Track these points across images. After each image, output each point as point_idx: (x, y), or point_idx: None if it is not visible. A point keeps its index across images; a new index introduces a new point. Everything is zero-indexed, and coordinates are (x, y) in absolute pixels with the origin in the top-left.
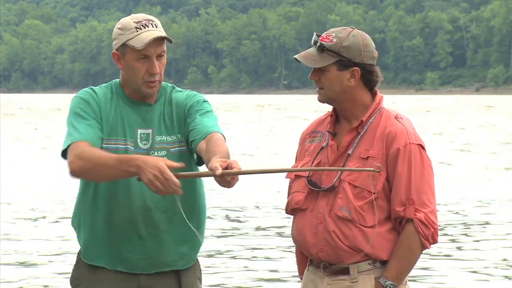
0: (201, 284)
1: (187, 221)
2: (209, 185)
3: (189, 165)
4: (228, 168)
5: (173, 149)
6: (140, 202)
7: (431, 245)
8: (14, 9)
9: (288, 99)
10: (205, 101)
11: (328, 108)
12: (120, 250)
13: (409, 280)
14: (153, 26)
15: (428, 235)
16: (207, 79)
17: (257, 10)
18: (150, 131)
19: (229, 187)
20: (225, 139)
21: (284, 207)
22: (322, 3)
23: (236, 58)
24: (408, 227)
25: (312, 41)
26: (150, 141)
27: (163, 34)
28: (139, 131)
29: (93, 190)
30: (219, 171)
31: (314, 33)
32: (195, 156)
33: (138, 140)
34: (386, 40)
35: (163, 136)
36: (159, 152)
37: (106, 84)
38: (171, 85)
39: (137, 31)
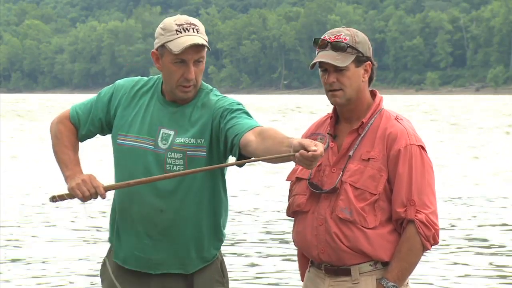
0: (223, 286)
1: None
2: None
3: (209, 172)
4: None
5: (190, 153)
6: (153, 202)
7: (432, 246)
8: (14, 9)
9: (289, 99)
10: (239, 103)
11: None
12: (132, 248)
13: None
14: (194, 31)
15: (429, 236)
16: (207, 79)
17: (257, 10)
18: (172, 132)
19: (309, 168)
20: None
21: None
22: (322, 3)
23: (236, 58)
24: (409, 228)
25: (319, 45)
26: (169, 142)
27: (202, 41)
28: (162, 130)
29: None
30: (314, 148)
31: (320, 38)
32: (235, 147)
33: (159, 139)
34: (386, 40)
35: (183, 138)
36: (175, 153)
37: (158, 76)
38: (210, 88)
39: (177, 34)
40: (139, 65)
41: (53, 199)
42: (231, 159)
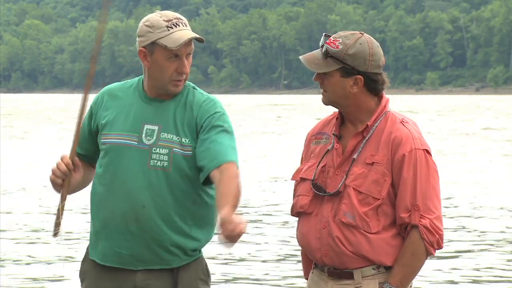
0: (207, 285)
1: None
2: None
3: (193, 171)
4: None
5: (176, 150)
6: (134, 198)
7: (436, 251)
8: (14, 9)
9: (289, 99)
10: (223, 114)
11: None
12: (112, 245)
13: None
14: (183, 25)
15: (433, 241)
16: (207, 79)
17: (257, 10)
18: (156, 127)
19: (230, 243)
20: (238, 167)
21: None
22: (322, 3)
23: (236, 58)
24: (413, 233)
25: (320, 43)
26: (154, 137)
27: (196, 34)
28: (146, 126)
29: (98, 181)
30: None
31: (324, 33)
32: (202, 176)
33: (143, 135)
34: (386, 40)
35: (169, 134)
36: (161, 149)
37: (135, 78)
38: (192, 85)
39: (169, 30)
40: (139, 65)
41: (56, 232)
42: None
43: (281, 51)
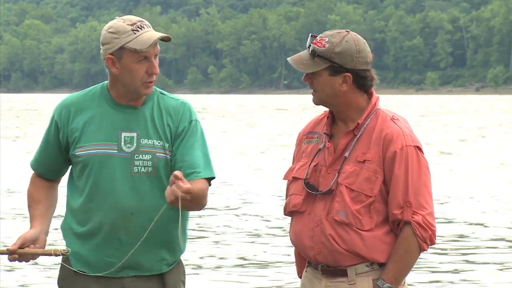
0: (184, 286)
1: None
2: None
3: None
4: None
5: (159, 154)
6: (122, 206)
7: (429, 247)
8: (14, 9)
9: (289, 99)
10: (197, 121)
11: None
12: (101, 255)
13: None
14: (147, 27)
15: (426, 238)
16: (207, 79)
17: (257, 10)
18: (134, 134)
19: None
20: (209, 182)
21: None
22: (322, 3)
23: (236, 58)
24: (406, 230)
25: (307, 44)
26: (135, 144)
27: (162, 34)
28: (123, 134)
29: (77, 194)
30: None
31: (310, 34)
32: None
33: (122, 143)
34: (386, 40)
35: (149, 140)
36: (143, 155)
37: (95, 86)
38: (159, 90)
39: (135, 33)
40: None
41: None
42: None
43: (281, 51)
